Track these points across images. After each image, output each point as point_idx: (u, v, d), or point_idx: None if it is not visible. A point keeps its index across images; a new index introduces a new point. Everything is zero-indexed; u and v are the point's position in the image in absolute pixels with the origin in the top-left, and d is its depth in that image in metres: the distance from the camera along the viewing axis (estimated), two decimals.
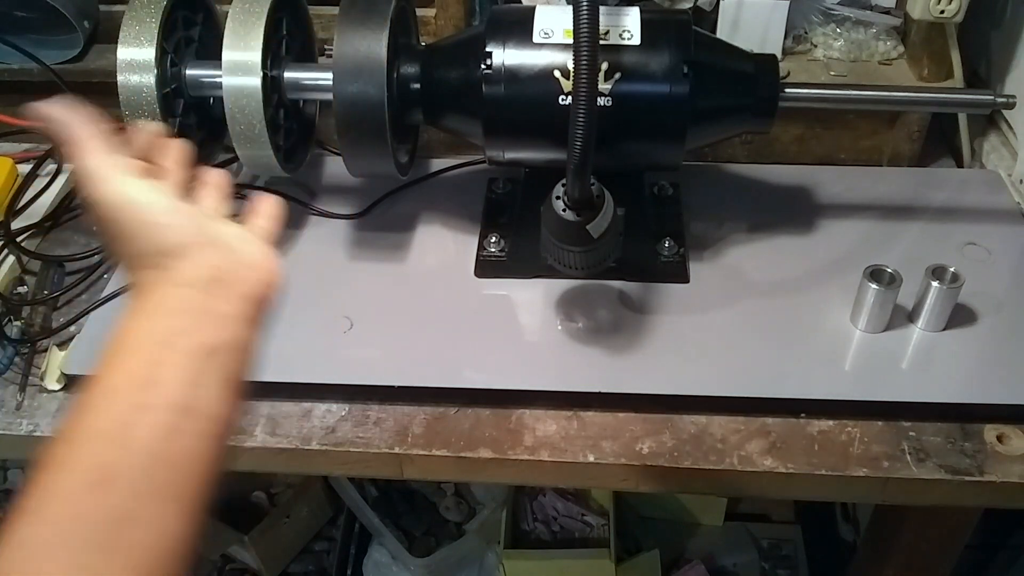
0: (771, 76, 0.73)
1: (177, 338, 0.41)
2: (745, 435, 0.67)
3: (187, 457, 0.38)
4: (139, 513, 0.36)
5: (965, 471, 0.64)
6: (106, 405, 0.38)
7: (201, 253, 0.44)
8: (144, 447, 0.37)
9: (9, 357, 0.74)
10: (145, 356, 0.40)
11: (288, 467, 0.70)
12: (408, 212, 0.87)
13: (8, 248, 0.82)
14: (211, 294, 0.42)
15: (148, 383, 0.39)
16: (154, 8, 0.70)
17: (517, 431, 0.68)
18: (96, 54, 0.95)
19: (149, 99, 0.69)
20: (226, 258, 0.44)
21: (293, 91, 0.76)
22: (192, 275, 0.43)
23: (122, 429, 0.37)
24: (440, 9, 0.91)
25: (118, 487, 0.36)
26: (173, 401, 0.39)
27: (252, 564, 1.38)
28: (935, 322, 0.72)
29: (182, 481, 0.38)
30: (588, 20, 0.56)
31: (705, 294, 0.77)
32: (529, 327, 0.76)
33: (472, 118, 0.72)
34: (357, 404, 0.70)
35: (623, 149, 0.72)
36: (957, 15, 0.85)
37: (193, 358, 0.40)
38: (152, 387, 0.39)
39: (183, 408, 0.39)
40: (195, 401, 0.39)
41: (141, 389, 0.39)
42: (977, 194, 0.88)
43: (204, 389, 0.40)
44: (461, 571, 1.38)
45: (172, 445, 0.38)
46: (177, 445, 0.38)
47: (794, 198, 0.88)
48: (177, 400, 0.39)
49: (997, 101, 0.74)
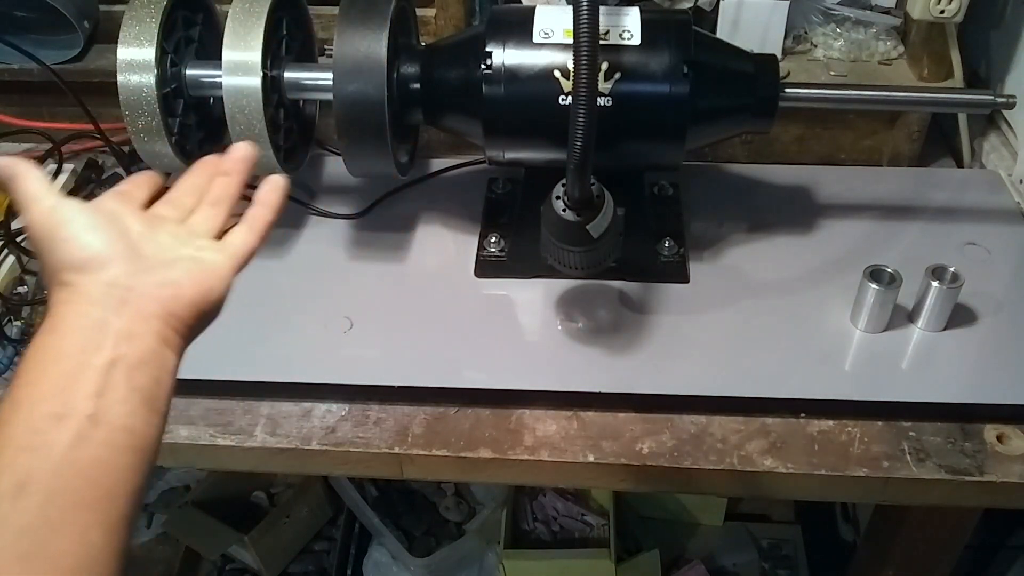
0: (771, 76, 0.73)
1: (81, 353, 0.41)
2: (745, 435, 0.67)
3: (100, 466, 0.39)
4: (57, 520, 0.37)
5: (965, 471, 0.64)
6: (18, 417, 0.39)
7: (104, 269, 0.43)
8: (57, 454, 0.38)
9: (9, 357, 0.74)
10: (51, 370, 0.40)
11: (288, 467, 0.70)
12: (408, 212, 0.87)
13: (8, 248, 0.82)
14: (109, 310, 0.42)
15: (55, 394, 0.39)
16: (154, 8, 0.70)
17: (517, 431, 0.68)
18: (96, 54, 0.95)
19: (149, 99, 0.69)
20: (134, 276, 0.44)
21: (293, 91, 0.76)
22: (92, 291, 0.43)
23: (33, 436, 0.38)
24: (440, 9, 0.91)
25: (35, 493, 0.37)
26: (80, 409, 0.39)
27: (252, 564, 1.38)
28: (935, 322, 0.72)
29: (98, 490, 0.38)
30: (588, 20, 0.56)
31: (705, 294, 0.77)
32: (529, 327, 0.76)
33: (472, 118, 0.72)
34: (357, 404, 0.70)
35: (623, 149, 0.72)
36: (957, 15, 0.85)
37: (98, 371, 0.40)
38: (59, 397, 0.39)
39: (91, 417, 0.39)
40: (103, 412, 0.39)
41: (49, 399, 0.39)
42: (977, 194, 0.88)
43: (111, 401, 0.40)
44: (461, 571, 1.38)
45: (83, 453, 0.38)
46: (88, 453, 0.38)
47: (794, 198, 0.88)
48: (84, 409, 0.39)
49: (997, 101, 0.74)
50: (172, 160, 0.73)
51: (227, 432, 0.69)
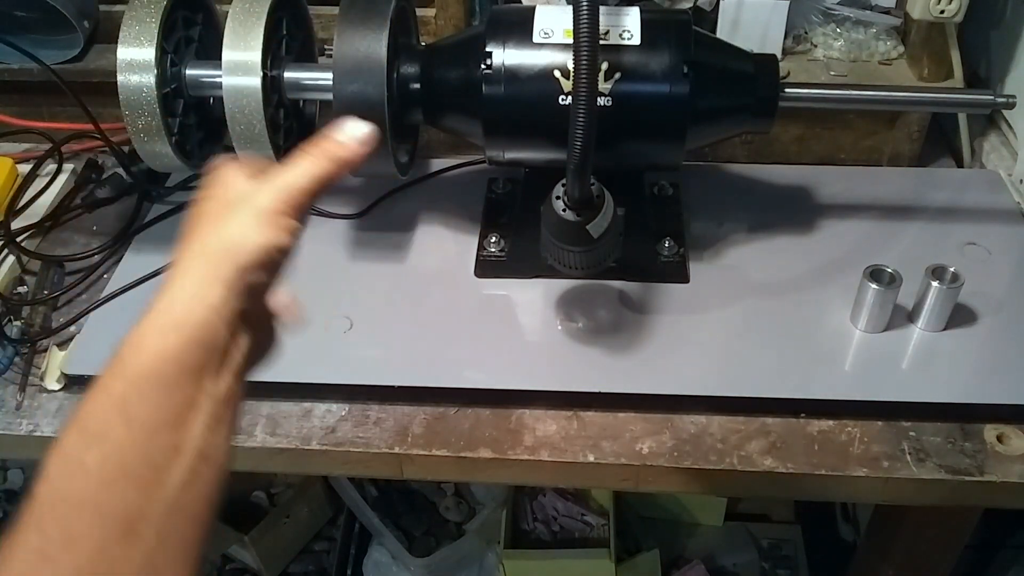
0: (771, 76, 0.73)
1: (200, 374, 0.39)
2: (745, 435, 0.67)
3: (203, 506, 0.38)
4: (163, 566, 0.35)
5: (965, 471, 0.64)
6: (133, 437, 0.36)
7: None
8: (171, 493, 0.36)
9: (9, 357, 0.74)
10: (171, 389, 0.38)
11: (288, 467, 0.70)
12: (408, 212, 0.87)
13: (8, 248, 0.82)
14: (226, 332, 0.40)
15: (174, 422, 0.37)
16: (154, 8, 0.70)
17: (517, 431, 0.68)
18: (96, 54, 0.95)
19: (149, 99, 0.69)
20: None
21: (293, 91, 0.76)
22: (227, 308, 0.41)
23: (148, 471, 0.36)
24: (440, 9, 0.91)
25: (146, 536, 0.35)
26: (194, 445, 0.37)
27: (252, 564, 1.38)
28: (935, 322, 0.72)
29: (199, 532, 0.37)
30: (588, 20, 0.56)
31: (705, 294, 0.77)
32: (529, 327, 0.76)
33: (472, 118, 0.72)
34: (357, 404, 0.70)
35: (623, 149, 0.72)
36: (957, 15, 0.85)
37: (215, 402, 0.39)
38: (176, 427, 0.37)
39: (202, 453, 0.37)
40: (210, 448, 0.38)
41: (168, 428, 0.37)
42: (977, 194, 0.88)
43: (219, 437, 0.39)
44: (461, 571, 1.38)
45: (192, 493, 0.37)
46: (195, 492, 0.37)
47: (794, 198, 0.88)
48: (198, 445, 0.37)
49: (997, 101, 0.74)
50: (172, 160, 0.73)
51: None
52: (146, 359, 0.37)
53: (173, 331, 0.38)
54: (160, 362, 0.37)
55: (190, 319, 0.38)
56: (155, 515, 0.35)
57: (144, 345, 0.37)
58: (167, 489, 0.36)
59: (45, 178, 0.90)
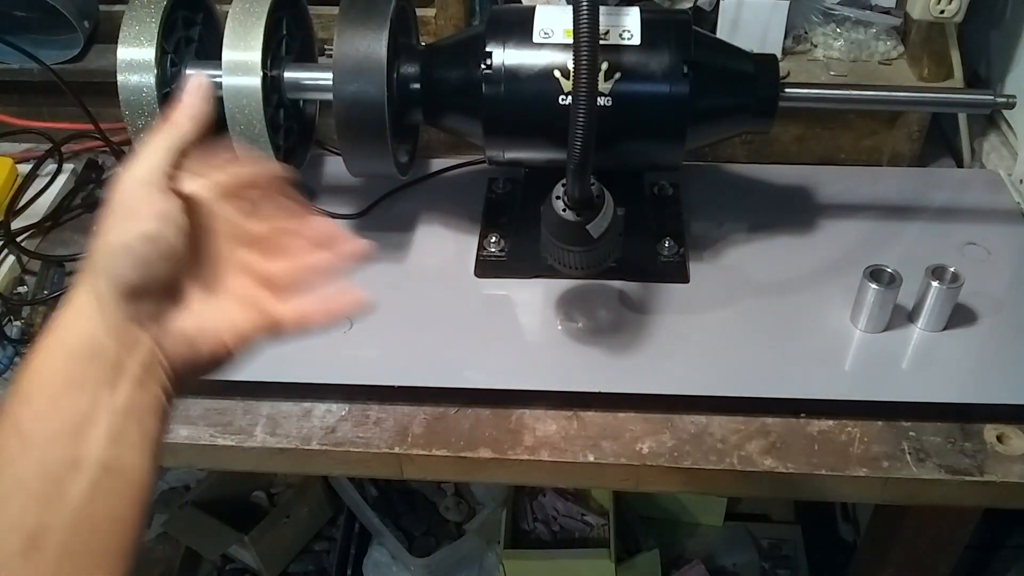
0: (771, 76, 0.73)
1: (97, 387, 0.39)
2: (745, 435, 0.67)
3: (114, 520, 0.37)
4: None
5: (965, 471, 0.64)
6: (30, 458, 0.36)
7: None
8: (72, 507, 0.36)
9: (9, 357, 0.74)
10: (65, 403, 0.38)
11: (288, 467, 0.70)
12: (408, 212, 0.87)
13: (8, 248, 0.82)
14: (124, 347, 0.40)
15: (70, 435, 0.37)
16: (154, 8, 0.70)
17: (517, 431, 0.68)
18: (96, 54, 0.95)
19: (149, 99, 0.69)
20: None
21: (293, 91, 0.76)
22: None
23: (47, 485, 0.36)
24: (440, 9, 0.91)
25: (49, 550, 0.34)
26: (95, 458, 0.37)
27: (252, 564, 1.38)
28: (935, 322, 0.72)
29: (110, 545, 0.37)
30: (588, 20, 0.56)
31: (705, 294, 0.77)
32: (529, 327, 0.76)
33: (472, 118, 0.72)
34: (357, 404, 0.70)
35: (623, 149, 0.72)
36: (957, 15, 0.85)
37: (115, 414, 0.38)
38: (74, 440, 0.37)
39: (106, 467, 0.37)
40: (114, 461, 0.37)
41: (62, 440, 0.37)
42: (977, 194, 0.88)
43: (125, 448, 0.38)
44: (461, 571, 1.38)
45: (98, 507, 0.36)
46: (102, 506, 0.37)
47: (794, 198, 0.88)
48: (99, 457, 0.37)
49: (997, 101, 0.74)
50: None
51: (227, 432, 0.69)
52: (35, 377, 0.38)
53: (58, 348, 0.39)
54: (46, 379, 0.38)
55: (72, 335, 0.39)
56: (57, 529, 0.35)
57: (33, 365, 0.39)
58: (69, 502, 0.35)
59: (45, 178, 0.90)
